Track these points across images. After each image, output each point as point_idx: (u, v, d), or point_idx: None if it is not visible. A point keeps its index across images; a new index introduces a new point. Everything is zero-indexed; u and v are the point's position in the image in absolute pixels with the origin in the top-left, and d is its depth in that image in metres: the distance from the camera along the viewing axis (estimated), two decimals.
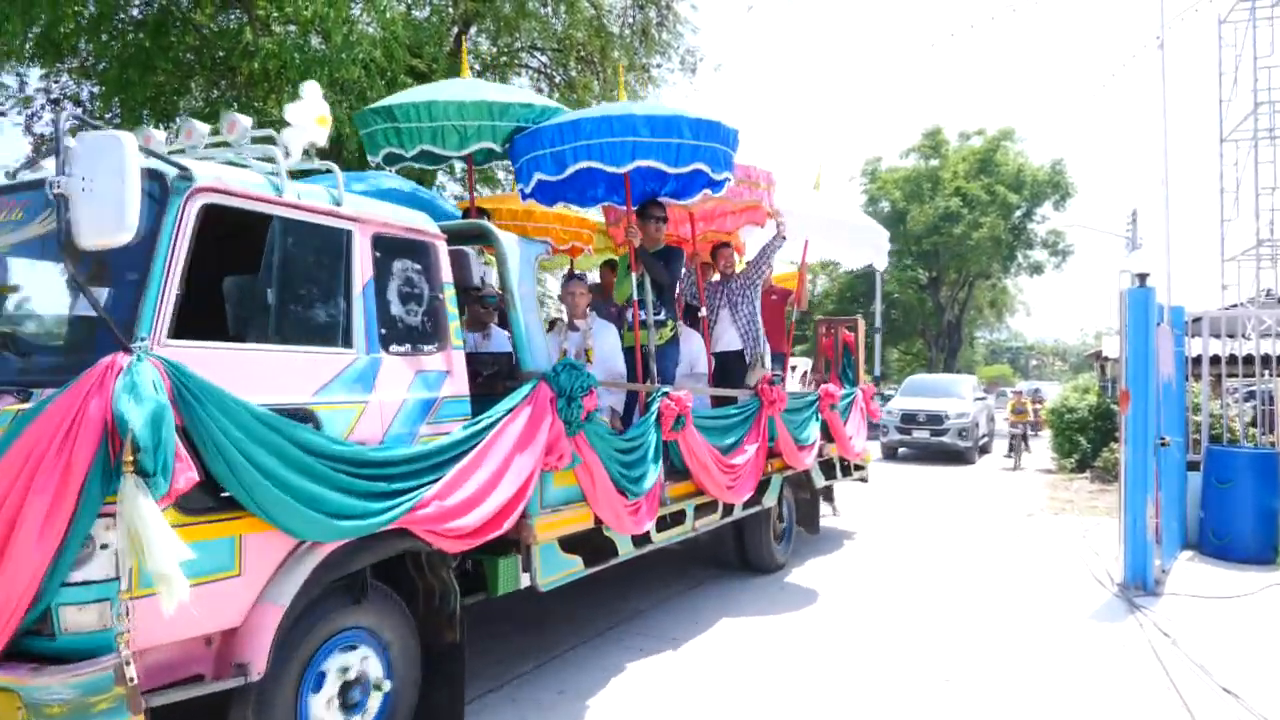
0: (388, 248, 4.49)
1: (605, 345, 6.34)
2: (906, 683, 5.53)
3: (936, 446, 19.12)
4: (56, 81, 13.72)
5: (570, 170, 5.65)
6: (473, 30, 15.43)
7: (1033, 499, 13.84)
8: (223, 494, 3.44)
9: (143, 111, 12.55)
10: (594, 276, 8.76)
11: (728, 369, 7.74)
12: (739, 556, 8.23)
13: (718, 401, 7.49)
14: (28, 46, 11.57)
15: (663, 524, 6.34)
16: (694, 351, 7.52)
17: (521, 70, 16.59)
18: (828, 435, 9.12)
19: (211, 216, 3.69)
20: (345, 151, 11.31)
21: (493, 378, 5.29)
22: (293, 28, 12.32)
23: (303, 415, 3.82)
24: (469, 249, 5.07)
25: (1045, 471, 17.79)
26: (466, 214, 6.70)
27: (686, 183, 6.66)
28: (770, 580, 8.05)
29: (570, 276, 6.45)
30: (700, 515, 6.87)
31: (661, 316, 6.54)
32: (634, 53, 15.93)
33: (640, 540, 6.04)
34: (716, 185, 6.39)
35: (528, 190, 6.03)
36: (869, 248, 8.68)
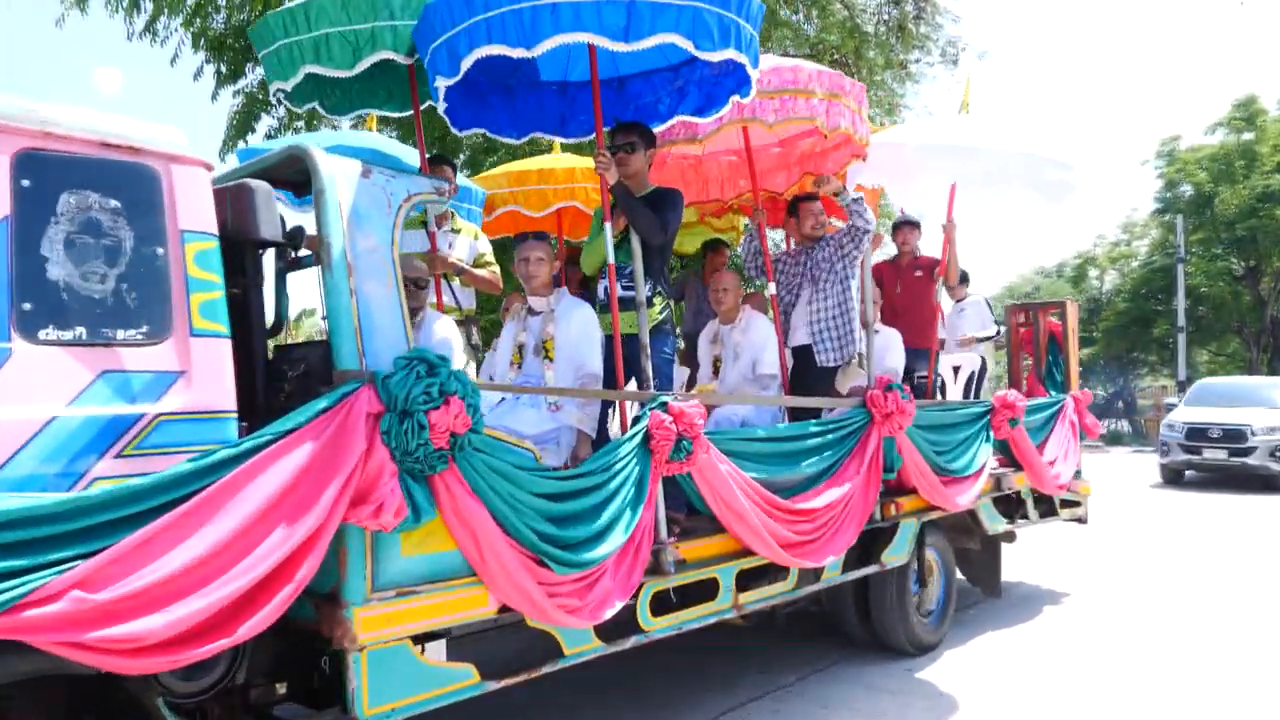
0: (49, 172, 2.81)
1: (571, 333, 4.30)
2: None
3: (1238, 470, 15.04)
4: (317, 126, 14.34)
5: (466, 64, 3.70)
6: None
7: None
8: None
9: (432, 150, 12.53)
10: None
11: (804, 371, 5.43)
12: (866, 632, 5.83)
13: (798, 415, 5.21)
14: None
15: (663, 603, 4.21)
16: (757, 344, 5.28)
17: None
18: (1014, 461, 6.53)
19: None
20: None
21: (305, 381, 3.43)
22: None
23: None
24: (260, 185, 3.28)
25: None
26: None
27: (710, 89, 4.57)
28: (906, 670, 5.59)
29: (524, 237, 4.46)
30: (749, 585, 4.65)
31: (648, 290, 4.39)
32: (890, 50, 14.83)
33: (613, 630, 3.95)
34: (744, 83, 4.25)
35: (440, 108, 4.13)
36: (1049, 185, 5.97)
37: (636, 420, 4.02)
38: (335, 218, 3.27)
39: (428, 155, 5.17)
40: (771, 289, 5.32)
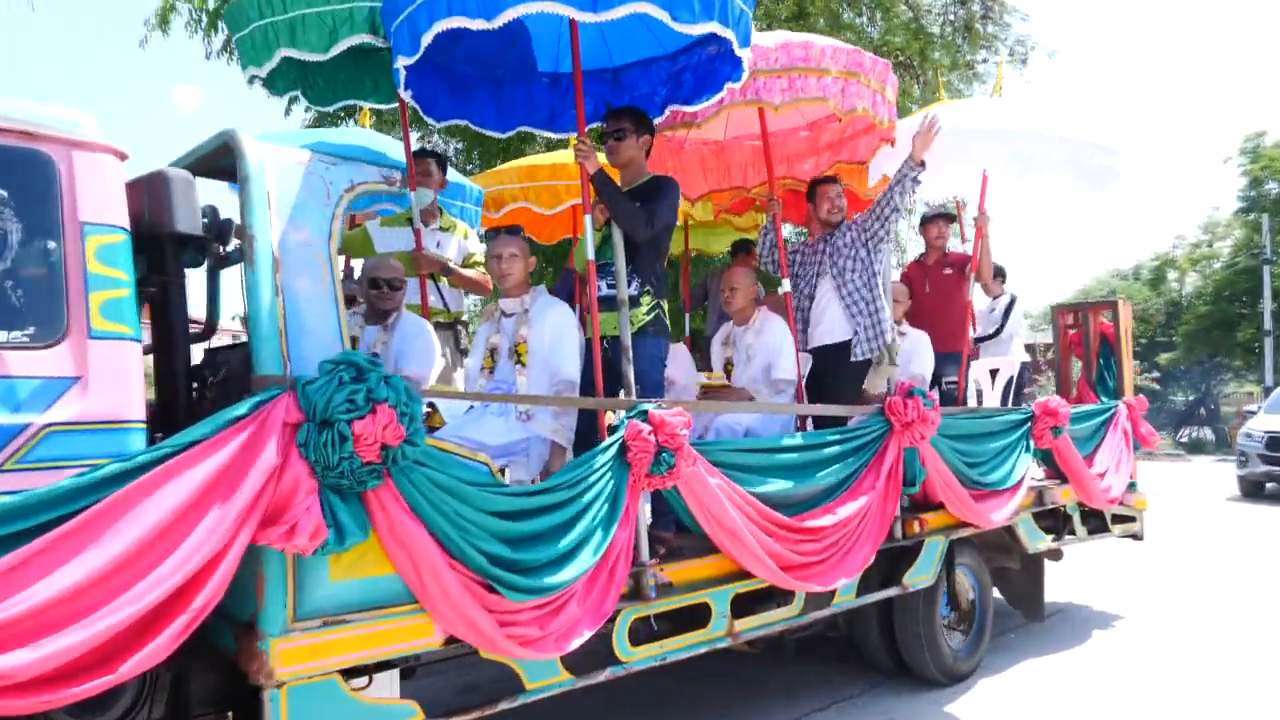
0: None
1: (545, 335, 3.95)
2: None
3: None
4: (429, 141, 14.57)
5: (425, 40, 3.40)
6: None
7: None
8: None
9: (496, 161, 13.06)
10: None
11: (828, 373, 5.00)
12: (891, 659, 5.38)
13: (813, 424, 4.80)
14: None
15: (644, 631, 3.84)
16: (771, 347, 4.87)
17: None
18: (1059, 473, 6.02)
19: None
20: None
21: (226, 387, 3.15)
22: None
23: None
24: (177, 174, 3.01)
25: None
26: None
27: (705, 76, 4.24)
28: (936, 702, 5.13)
29: (496, 232, 4.13)
30: (752, 610, 4.27)
31: (633, 290, 4.03)
32: (956, 51, 14.65)
33: (585, 662, 3.60)
34: (733, 66, 3.93)
35: (404, 92, 3.86)
36: (1091, 171, 5.45)
37: (613, 430, 3.67)
38: (261, 207, 3.00)
39: (419, 148, 4.89)
40: (786, 286, 4.90)
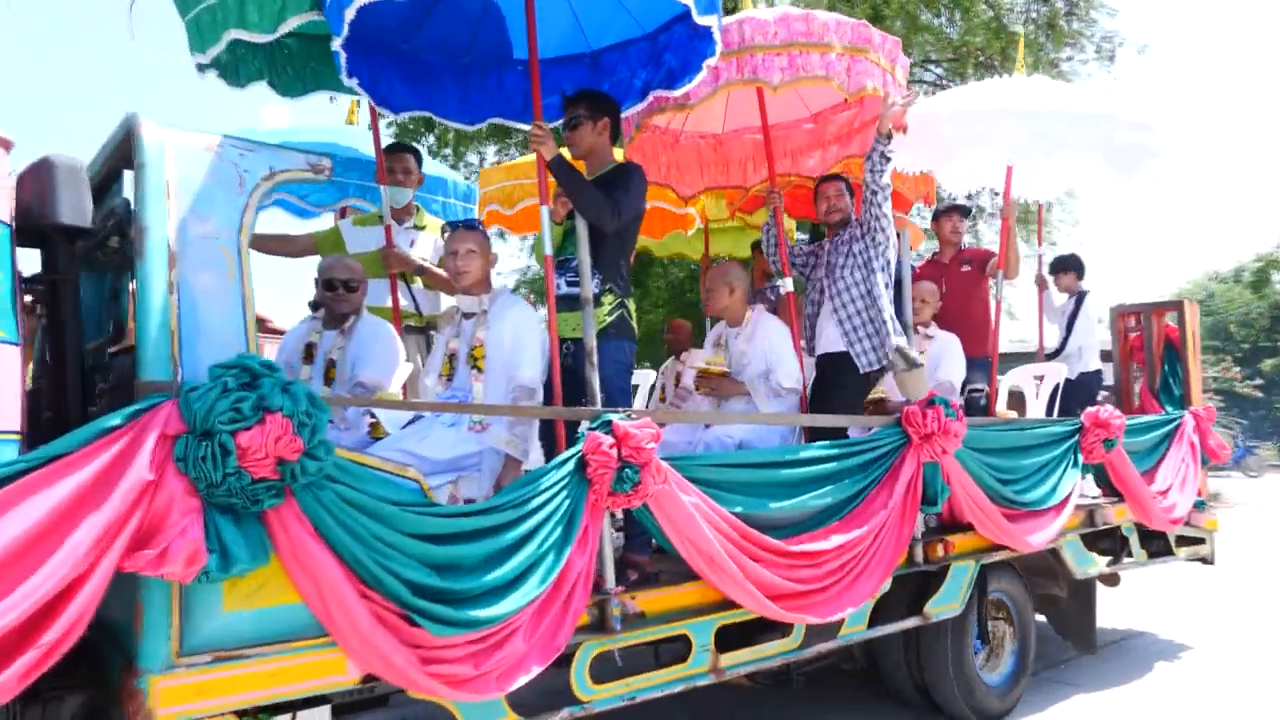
0: None
1: (506, 338, 3.58)
2: None
3: None
4: (508, 154, 14.34)
5: (349, 16, 3.10)
6: None
7: None
8: None
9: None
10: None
11: (827, 383, 4.57)
12: (917, 693, 4.89)
13: (816, 436, 4.37)
14: (484, 130, 13.49)
15: (606, 670, 3.45)
16: (768, 351, 4.43)
17: (916, 85, 15.20)
18: (1113, 490, 5.47)
19: None
20: None
21: (116, 395, 2.87)
22: None
23: None
24: (62, 161, 2.75)
25: None
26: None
27: (685, 55, 3.90)
28: None
29: (454, 225, 3.78)
30: (748, 641, 3.85)
31: (595, 287, 3.66)
32: (1039, 49, 14.16)
33: (537, 702, 3.23)
34: (705, 41, 3.58)
35: (348, 79, 3.59)
36: (1119, 151, 4.89)
37: (573, 442, 3.31)
38: (158, 196, 2.71)
39: (394, 142, 4.62)
40: (788, 284, 4.49)
